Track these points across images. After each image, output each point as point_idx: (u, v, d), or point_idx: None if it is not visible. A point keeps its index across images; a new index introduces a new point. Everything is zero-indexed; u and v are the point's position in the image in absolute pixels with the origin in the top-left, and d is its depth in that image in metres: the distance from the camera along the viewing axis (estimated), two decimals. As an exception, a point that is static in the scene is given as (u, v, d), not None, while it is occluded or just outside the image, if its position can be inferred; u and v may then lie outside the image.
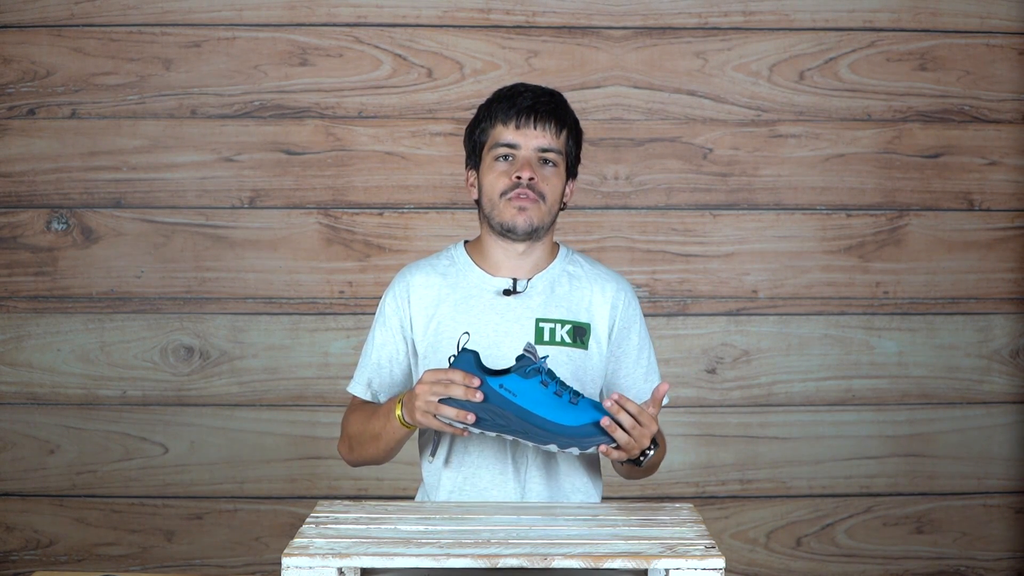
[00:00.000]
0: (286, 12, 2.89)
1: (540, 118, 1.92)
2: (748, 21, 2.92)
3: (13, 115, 2.88)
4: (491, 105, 1.96)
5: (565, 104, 1.98)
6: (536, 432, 1.70)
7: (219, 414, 2.92)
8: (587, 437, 1.70)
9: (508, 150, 1.92)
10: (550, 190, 1.92)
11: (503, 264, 1.97)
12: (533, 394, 1.70)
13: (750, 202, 2.94)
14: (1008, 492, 2.99)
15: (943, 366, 2.96)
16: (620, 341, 1.98)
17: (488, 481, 1.91)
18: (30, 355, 2.90)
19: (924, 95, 2.94)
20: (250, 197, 2.90)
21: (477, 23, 2.90)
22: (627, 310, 1.99)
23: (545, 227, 1.94)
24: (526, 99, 1.92)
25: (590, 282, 1.99)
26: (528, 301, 1.94)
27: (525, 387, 1.70)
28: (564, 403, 1.70)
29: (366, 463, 2.00)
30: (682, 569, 1.46)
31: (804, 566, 2.97)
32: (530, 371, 1.71)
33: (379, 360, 2.00)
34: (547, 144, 1.92)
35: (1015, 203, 2.96)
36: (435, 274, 1.99)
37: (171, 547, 2.92)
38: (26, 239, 2.90)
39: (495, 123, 1.93)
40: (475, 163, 1.99)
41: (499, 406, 1.70)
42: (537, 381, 1.71)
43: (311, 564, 1.47)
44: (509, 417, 1.70)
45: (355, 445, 1.97)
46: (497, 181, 1.92)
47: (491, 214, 1.94)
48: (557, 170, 1.94)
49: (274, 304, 2.91)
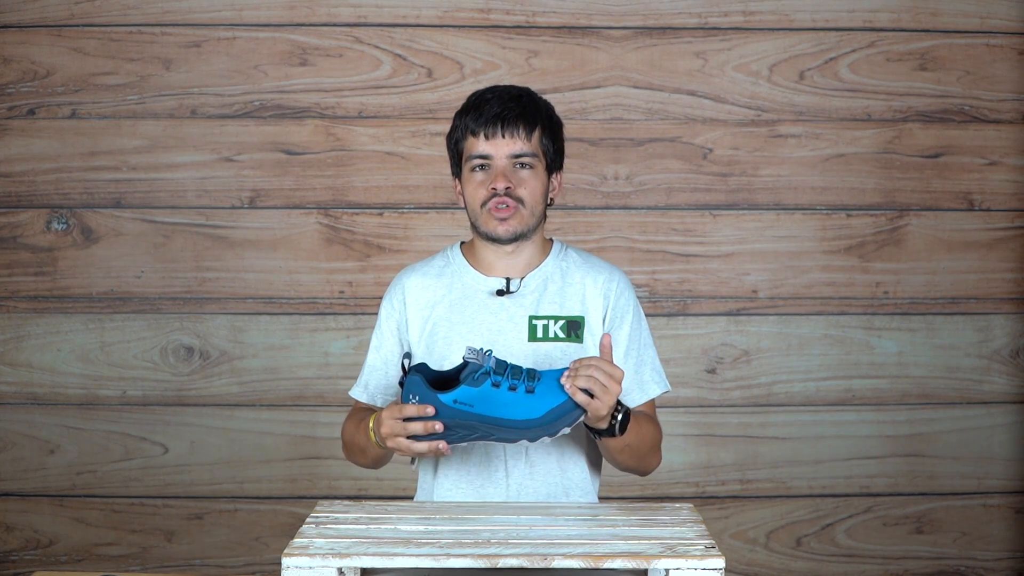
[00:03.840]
0: (286, 12, 2.89)
1: (507, 125, 1.91)
2: (748, 21, 2.92)
3: (13, 115, 2.88)
4: (462, 115, 1.96)
5: (534, 103, 1.97)
6: (503, 432, 1.69)
7: (219, 414, 2.92)
8: (552, 423, 1.69)
9: (482, 160, 1.92)
10: (528, 193, 1.92)
11: (496, 265, 1.98)
12: (488, 399, 1.69)
13: (750, 202, 2.94)
14: (1008, 492, 2.99)
15: (943, 366, 2.96)
16: (612, 330, 1.97)
17: (480, 483, 1.92)
18: (30, 355, 2.90)
19: (924, 95, 2.94)
20: (250, 197, 2.90)
21: (477, 23, 2.90)
22: (619, 299, 1.97)
23: (531, 228, 1.95)
24: (493, 107, 1.92)
25: (582, 275, 1.98)
26: (521, 300, 1.95)
27: (478, 394, 1.69)
28: (520, 396, 1.69)
29: (366, 467, 2.02)
30: (682, 569, 1.46)
31: (804, 566, 2.97)
32: (479, 376, 1.69)
33: (374, 363, 2.01)
34: (519, 150, 1.92)
35: (1015, 203, 2.96)
36: (430, 276, 2.00)
37: (171, 547, 2.92)
38: (26, 239, 2.90)
39: (467, 134, 1.94)
40: (457, 172, 1.99)
41: (461, 419, 1.69)
42: (488, 385, 1.69)
43: (311, 564, 1.47)
44: (474, 426, 1.70)
45: (348, 453, 2.01)
46: (476, 192, 1.93)
47: (476, 223, 1.95)
48: (534, 171, 1.93)
49: (274, 304, 2.91)
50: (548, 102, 2.01)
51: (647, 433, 1.90)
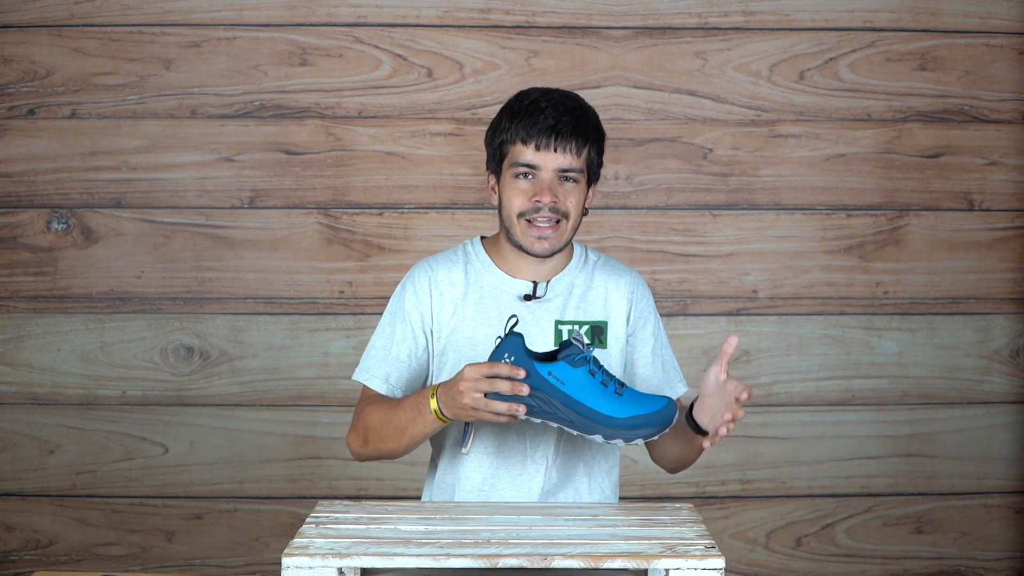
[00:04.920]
0: (286, 12, 2.89)
1: (561, 139, 1.86)
2: (748, 21, 2.92)
3: (13, 115, 2.88)
4: (512, 118, 1.90)
5: (587, 116, 1.92)
6: (582, 422, 1.69)
7: (219, 414, 2.92)
8: (632, 429, 1.70)
9: (528, 169, 1.88)
10: (572, 206, 1.89)
11: (523, 268, 1.95)
12: (581, 383, 1.69)
13: (750, 202, 2.94)
14: (1008, 492, 2.99)
15: (943, 366, 2.96)
16: (636, 331, 1.98)
17: (507, 481, 1.92)
18: (30, 355, 2.90)
19: (924, 95, 2.94)
20: (250, 197, 2.90)
21: (477, 23, 2.90)
22: (641, 302, 1.99)
23: (567, 243, 1.92)
24: (548, 118, 1.86)
25: (604, 279, 1.98)
26: (548, 304, 1.93)
27: (573, 376, 1.69)
28: (610, 393, 1.70)
29: (380, 457, 1.93)
30: (682, 569, 1.47)
31: (804, 566, 2.97)
32: (579, 359, 1.70)
33: (398, 355, 1.94)
34: (568, 164, 1.87)
35: (1015, 203, 2.96)
36: (457, 271, 1.96)
37: (171, 547, 2.92)
38: (26, 239, 2.90)
39: (515, 140, 1.88)
40: (495, 170, 1.94)
41: (547, 394, 1.69)
42: (585, 370, 1.70)
43: (311, 564, 1.47)
44: (556, 405, 1.69)
45: (373, 438, 1.90)
46: (516, 199, 1.88)
47: (510, 230, 1.91)
48: (578, 185, 1.90)
49: (274, 304, 2.91)
50: (596, 113, 1.95)
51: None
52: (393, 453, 1.91)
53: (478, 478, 1.92)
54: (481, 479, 1.92)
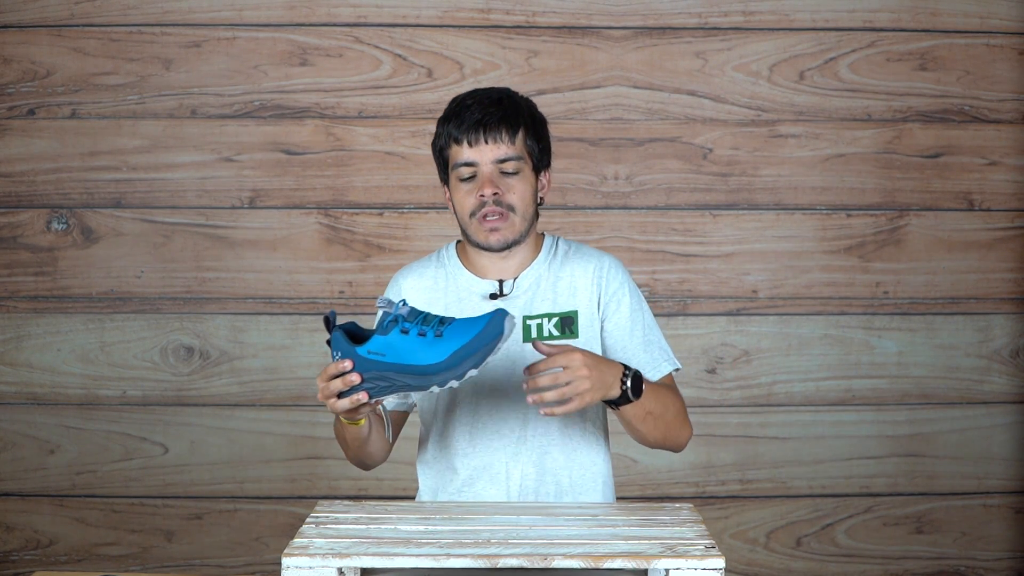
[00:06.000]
0: (286, 12, 2.89)
1: (489, 130, 1.89)
2: (748, 21, 2.92)
3: (13, 115, 2.88)
4: (445, 123, 1.93)
5: (515, 105, 1.94)
6: (415, 380, 1.67)
7: (219, 414, 2.92)
8: (456, 366, 1.65)
9: (468, 168, 1.91)
10: (518, 198, 1.91)
11: (489, 267, 1.97)
12: (397, 345, 1.67)
13: (750, 202, 2.94)
14: (1008, 492, 2.99)
15: (943, 366, 2.96)
16: (609, 315, 1.96)
17: (484, 486, 1.93)
18: (30, 355, 2.90)
19: (924, 95, 2.94)
20: (250, 197, 2.90)
21: (477, 23, 2.90)
22: (611, 284, 1.96)
23: (523, 234, 1.94)
24: (473, 113, 1.90)
25: (571, 268, 1.97)
26: (515, 301, 1.94)
27: (388, 342, 1.67)
28: (430, 340, 1.67)
29: (359, 464, 1.99)
30: (682, 569, 1.46)
31: (804, 566, 2.97)
32: (388, 324, 1.68)
33: None
34: (503, 154, 1.90)
35: (1015, 203, 2.96)
36: (427, 277, 2.00)
37: (171, 547, 2.92)
38: (26, 239, 2.90)
39: (450, 142, 1.92)
40: (445, 179, 1.98)
41: (377, 371, 1.68)
42: (397, 332, 1.67)
43: (311, 564, 1.47)
44: (389, 377, 1.68)
45: (344, 452, 1.98)
46: (464, 200, 1.91)
47: (467, 231, 1.94)
48: (521, 175, 1.92)
49: (274, 304, 2.91)
50: (530, 100, 1.98)
51: (667, 398, 1.88)
52: (357, 461, 1.97)
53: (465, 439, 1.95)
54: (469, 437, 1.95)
